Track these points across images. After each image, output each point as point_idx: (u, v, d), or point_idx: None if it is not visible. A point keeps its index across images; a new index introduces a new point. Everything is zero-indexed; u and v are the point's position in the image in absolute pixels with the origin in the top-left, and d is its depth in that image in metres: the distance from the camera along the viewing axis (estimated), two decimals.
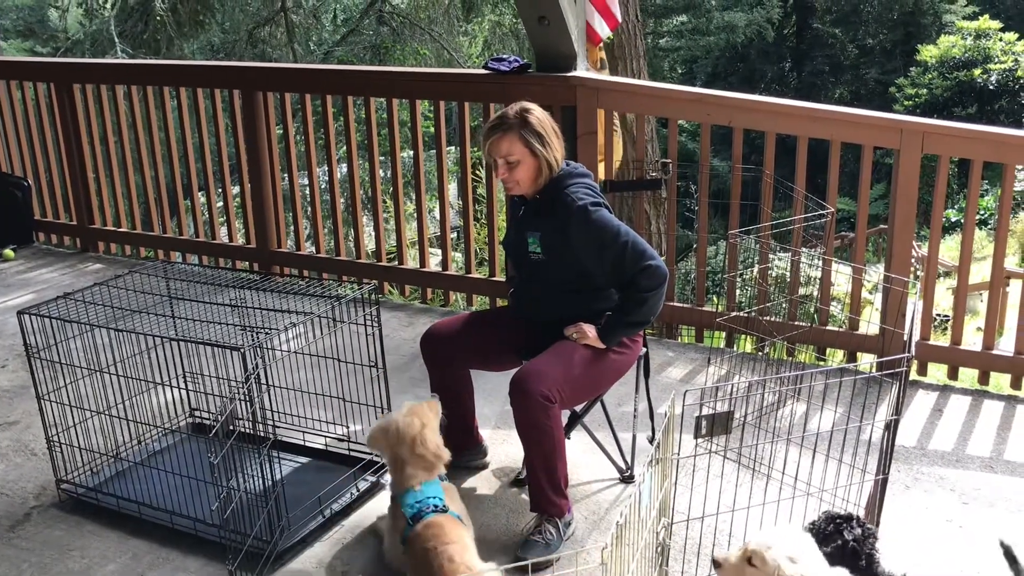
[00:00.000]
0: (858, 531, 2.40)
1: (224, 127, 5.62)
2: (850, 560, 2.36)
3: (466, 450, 3.45)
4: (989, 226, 15.01)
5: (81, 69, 6.28)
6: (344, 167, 7.20)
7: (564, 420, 3.13)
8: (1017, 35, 20.03)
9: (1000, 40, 20.09)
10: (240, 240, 5.84)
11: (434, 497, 2.72)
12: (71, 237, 6.33)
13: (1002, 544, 2.35)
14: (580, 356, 3.04)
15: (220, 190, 5.82)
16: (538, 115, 3.08)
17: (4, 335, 4.81)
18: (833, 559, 2.31)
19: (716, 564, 2.22)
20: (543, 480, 2.97)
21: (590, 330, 3.06)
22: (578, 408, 3.28)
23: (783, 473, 3.22)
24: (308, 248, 6.10)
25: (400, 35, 12.17)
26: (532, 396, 2.87)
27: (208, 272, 3.63)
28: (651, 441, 3.49)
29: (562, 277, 3.12)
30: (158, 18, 11.15)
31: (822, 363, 4.32)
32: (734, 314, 4.00)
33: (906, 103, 20.02)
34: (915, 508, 3.25)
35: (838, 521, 2.43)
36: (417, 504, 2.71)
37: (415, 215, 5.47)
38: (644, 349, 3.32)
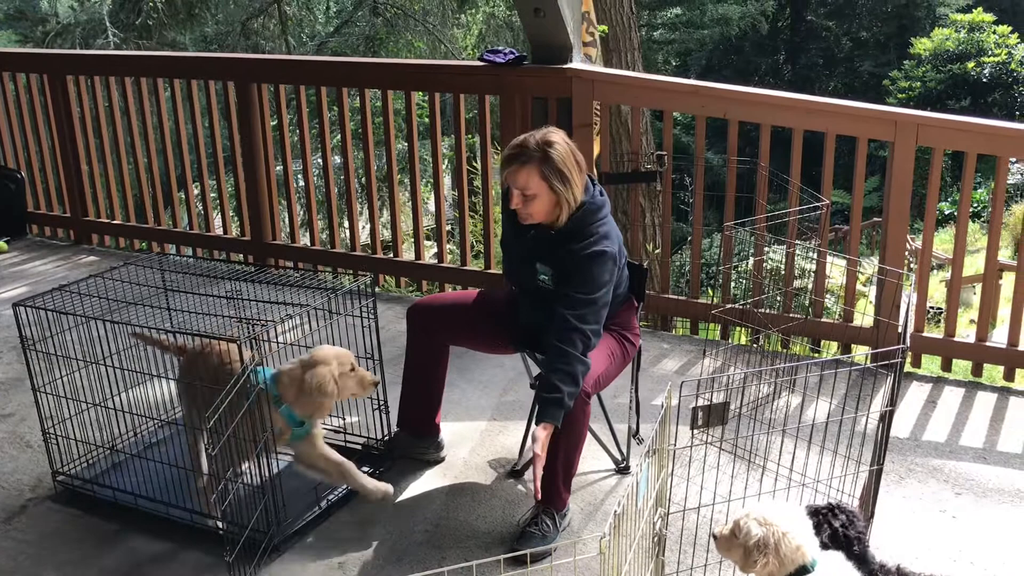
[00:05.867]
0: (843, 517, 2.42)
1: (218, 119, 5.60)
2: (844, 547, 2.37)
3: (423, 436, 3.45)
4: (982, 219, 15.06)
5: (75, 61, 6.25)
6: (337, 158, 7.19)
7: None
8: (1011, 28, 20.07)
9: (994, 33, 20.12)
10: (235, 232, 5.83)
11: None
12: (65, 229, 6.31)
13: None
14: (604, 351, 3.06)
15: (214, 182, 5.79)
16: (560, 149, 2.88)
17: None
18: (827, 548, 2.32)
19: (714, 537, 2.33)
20: (560, 472, 2.98)
21: (542, 435, 2.78)
22: None
23: (778, 464, 3.23)
24: (303, 240, 6.09)
25: (394, 26, 12.15)
26: (579, 393, 2.88)
27: (203, 264, 3.63)
28: (634, 437, 3.51)
29: None
30: (150, 4, 11.10)
31: (816, 355, 4.34)
32: (729, 306, 4.01)
33: (900, 96, 20.05)
34: (909, 499, 3.27)
35: (822, 513, 2.43)
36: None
37: (410, 206, 5.46)
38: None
